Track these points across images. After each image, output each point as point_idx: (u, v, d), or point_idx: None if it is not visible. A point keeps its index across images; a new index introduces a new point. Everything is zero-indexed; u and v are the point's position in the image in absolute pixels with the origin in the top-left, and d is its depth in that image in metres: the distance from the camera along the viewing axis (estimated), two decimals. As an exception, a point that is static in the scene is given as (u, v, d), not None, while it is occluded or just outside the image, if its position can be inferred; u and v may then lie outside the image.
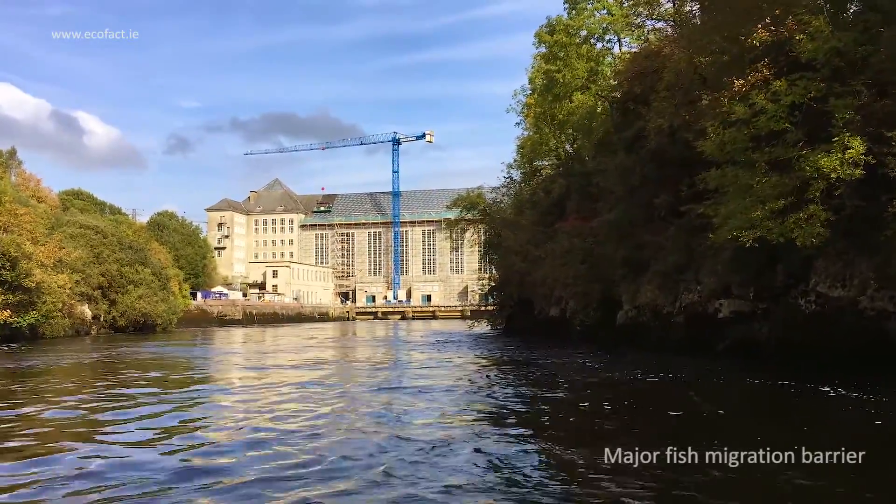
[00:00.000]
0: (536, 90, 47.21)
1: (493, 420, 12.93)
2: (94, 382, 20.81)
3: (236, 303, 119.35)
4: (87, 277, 60.71)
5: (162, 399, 16.56)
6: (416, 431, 11.47)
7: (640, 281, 29.73)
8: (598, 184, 34.24)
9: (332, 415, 13.58)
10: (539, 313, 41.15)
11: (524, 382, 19.20)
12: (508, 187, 53.02)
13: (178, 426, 12.65)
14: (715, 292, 24.18)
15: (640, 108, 28.46)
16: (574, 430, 12.10)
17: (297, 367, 25.24)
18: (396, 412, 13.85)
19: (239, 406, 15.29)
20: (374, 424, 12.34)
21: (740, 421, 13.28)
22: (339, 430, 11.81)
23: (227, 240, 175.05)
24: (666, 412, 13.46)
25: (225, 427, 12.67)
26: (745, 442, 9.48)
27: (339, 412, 13.96)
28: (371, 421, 12.77)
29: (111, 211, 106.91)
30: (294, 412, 13.86)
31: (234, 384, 20.75)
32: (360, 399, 15.95)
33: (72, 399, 16.56)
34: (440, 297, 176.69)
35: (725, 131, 19.27)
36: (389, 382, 19.46)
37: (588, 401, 15.59)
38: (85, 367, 27.24)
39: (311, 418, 13.09)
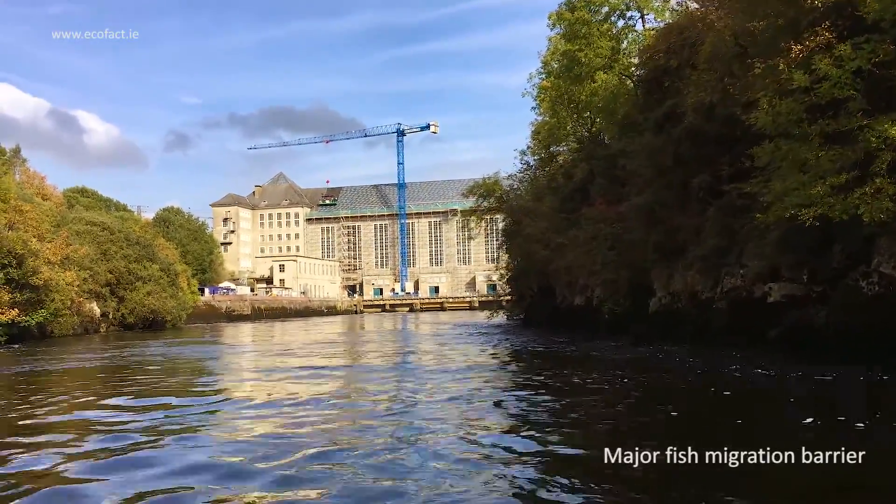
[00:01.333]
0: (552, 73, 45.80)
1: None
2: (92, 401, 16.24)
3: (244, 298, 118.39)
4: (94, 275, 59.64)
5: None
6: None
7: (675, 266, 28.41)
8: (625, 166, 32.87)
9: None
10: (561, 302, 39.87)
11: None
12: (525, 173, 51.78)
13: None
14: (761, 276, 22.82)
15: (677, 84, 27.10)
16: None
17: (311, 375, 21.15)
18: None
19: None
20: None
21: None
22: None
23: (233, 235, 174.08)
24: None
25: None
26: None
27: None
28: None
29: (116, 208, 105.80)
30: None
31: (252, 399, 15.94)
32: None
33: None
34: (448, 288, 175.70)
35: (781, 101, 17.89)
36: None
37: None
38: (88, 374, 24.07)
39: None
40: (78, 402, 15.93)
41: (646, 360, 22.31)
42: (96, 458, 9.70)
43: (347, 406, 14.62)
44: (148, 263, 68.62)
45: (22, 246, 44.00)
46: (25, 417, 13.69)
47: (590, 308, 35.25)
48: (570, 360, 24.32)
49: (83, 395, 17.09)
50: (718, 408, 13.34)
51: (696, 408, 13.72)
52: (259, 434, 11.09)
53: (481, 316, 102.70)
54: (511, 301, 55.22)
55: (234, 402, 15.65)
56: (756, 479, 7.71)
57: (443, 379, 18.65)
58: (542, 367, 21.82)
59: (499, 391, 16.22)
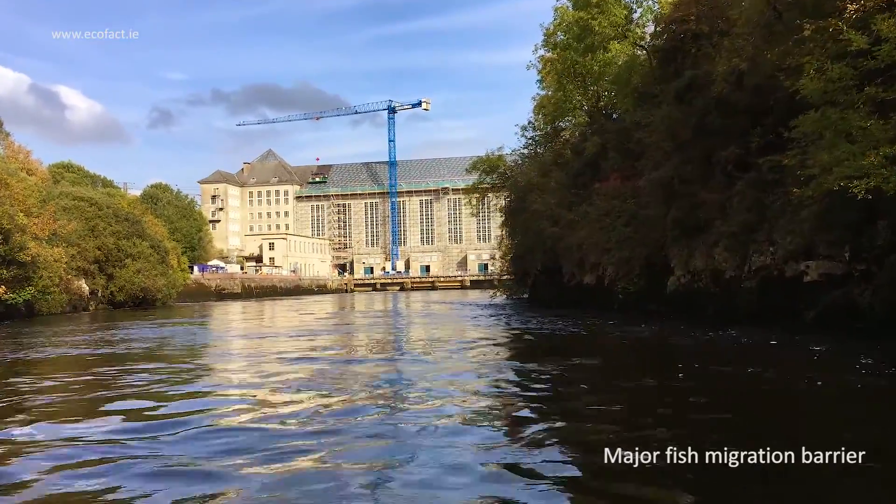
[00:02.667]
0: (559, 45, 44.33)
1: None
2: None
3: (234, 276, 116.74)
4: (82, 251, 58.01)
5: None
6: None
7: (695, 244, 27.28)
8: (640, 140, 31.64)
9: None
10: (569, 281, 38.69)
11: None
12: (530, 148, 50.43)
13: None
14: (794, 254, 21.72)
15: (701, 51, 25.81)
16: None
17: (305, 360, 18.10)
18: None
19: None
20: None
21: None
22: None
23: (222, 212, 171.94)
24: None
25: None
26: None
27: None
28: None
29: (103, 184, 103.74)
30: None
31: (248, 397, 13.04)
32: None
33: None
34: (439, 267, 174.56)
35: (834, 66, 16.65)
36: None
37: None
38: (70, 365, 19.21)
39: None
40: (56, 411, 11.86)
41: (712, 343, 19.36)
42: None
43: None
44: (137, 240, 66.90)
45: (8, 221, 42.31)
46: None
47: (601, 287, 34.12)
48: (647, 349, 19.63)
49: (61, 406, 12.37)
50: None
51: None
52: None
53: (473, 295, 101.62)
54: (512, 280, 53.96)
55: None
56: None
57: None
58: (636, 366, 16.73)
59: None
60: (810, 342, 17.38)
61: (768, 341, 18.71)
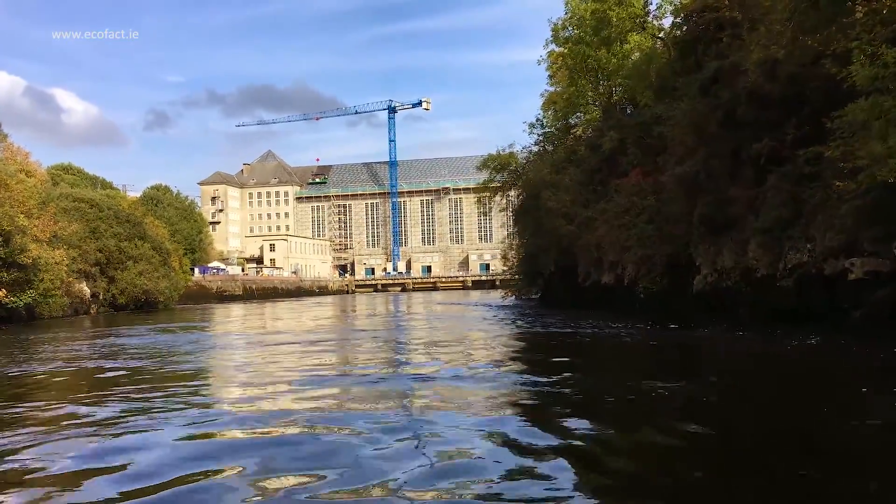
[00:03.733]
0: (570, 39, 43.38)
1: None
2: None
3: (236, 278, 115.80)
4: (84, 253, 57.03)
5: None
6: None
7: (723, 241, 26.29)
8: (661, 134, 30.67)
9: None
10: (584, 280, 37.68)
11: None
12: (540, 145, 49.40)
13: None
14: (833, 250, 20.71)
15: (734, 39, 24.84)
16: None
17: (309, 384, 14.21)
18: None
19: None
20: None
21: None
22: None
23: (222, 214, 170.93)
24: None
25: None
26: None
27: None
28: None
29: (102, 185, 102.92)
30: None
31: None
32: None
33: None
34: (440, 267, 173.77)
35: (889, 51, 15.66)
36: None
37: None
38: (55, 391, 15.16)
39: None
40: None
41: (784, 352, 16.80)
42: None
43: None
44: (139, 242, 65.95)
45: (9, 222, 41.31)
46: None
47: (620, 286, 33.11)
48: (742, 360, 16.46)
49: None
50: None
51: None
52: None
53: (476, 295, 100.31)
54: (522, 280, 52.90)
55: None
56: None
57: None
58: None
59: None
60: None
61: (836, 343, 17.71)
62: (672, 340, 21.13)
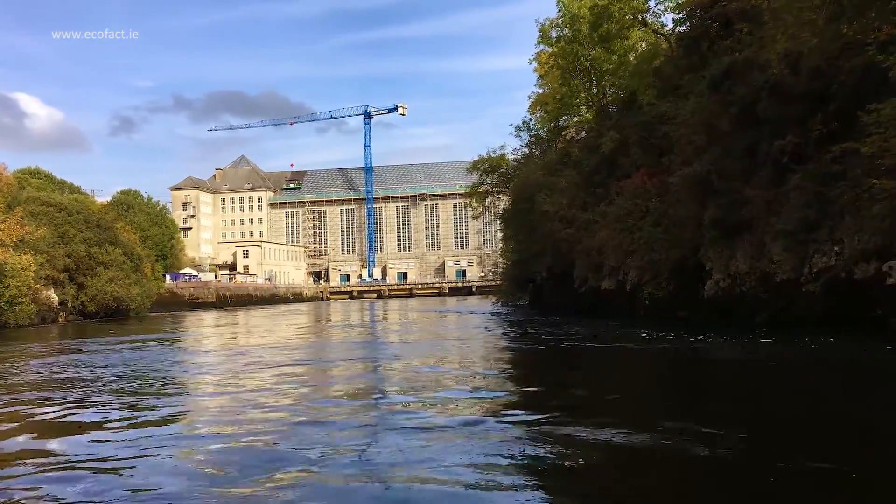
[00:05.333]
0: (562, 39, 42.17)
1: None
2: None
3: (209, 285, 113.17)
4: (52, 259, 54.44)
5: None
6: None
7: (737, 245, 25.06)
8: (666, 134, 29.43)
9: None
10: (579, 286, 36.31)
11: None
12: (531, 147, 48.07)
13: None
14: (865, 253, 19.53)
15: (744, 34, 23.64)
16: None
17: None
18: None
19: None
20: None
21: None
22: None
23: (193, 219, 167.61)
24: None
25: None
26: None
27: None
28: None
29: (70, 190, 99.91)
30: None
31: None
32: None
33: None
34: (416, 274, 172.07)
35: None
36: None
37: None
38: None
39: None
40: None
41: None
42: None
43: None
44: (110, 247, 63.38)
45: (-28, 226, 39.02)
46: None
47: (621, 292, 31.79)
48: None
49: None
50: None
51: None
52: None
53: (452, 302, 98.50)
54: (509, 286, 51.44)
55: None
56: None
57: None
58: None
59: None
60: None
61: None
62: (707, 354, 18.98)
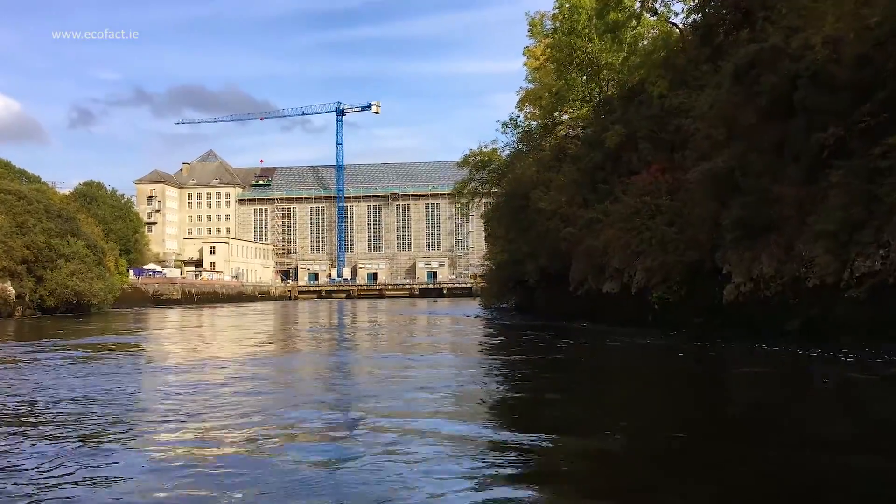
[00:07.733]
0: (558, 31, 40.32)
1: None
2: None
3: (174, 281, 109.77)
4: (9, 250, 51.38)
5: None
6: None
7: (761, 247, 23.25)
8: (678, 128, 27.64)
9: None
10: (575, 289, 34.38)
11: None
12: (523, 143, 46.07)
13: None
14: (918, 257, 17.80)
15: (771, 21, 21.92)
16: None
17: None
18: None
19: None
20: None
21: None
22: None
23: (159, 214, 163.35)
24: None
25: None
26: None
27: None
28: None
29: (30, 180, 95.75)
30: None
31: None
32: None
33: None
34: (386, 274, 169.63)
35: None
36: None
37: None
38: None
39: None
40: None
41: None
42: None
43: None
44: (72, 239, 60.22)
45: (-80, 211, 35.94)
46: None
47: (626, 296, 29.89)
48: None
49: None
50: None
51: None
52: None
53: (422, 304, 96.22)
54: (495, 287, 49.42)
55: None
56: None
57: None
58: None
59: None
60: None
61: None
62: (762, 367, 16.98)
